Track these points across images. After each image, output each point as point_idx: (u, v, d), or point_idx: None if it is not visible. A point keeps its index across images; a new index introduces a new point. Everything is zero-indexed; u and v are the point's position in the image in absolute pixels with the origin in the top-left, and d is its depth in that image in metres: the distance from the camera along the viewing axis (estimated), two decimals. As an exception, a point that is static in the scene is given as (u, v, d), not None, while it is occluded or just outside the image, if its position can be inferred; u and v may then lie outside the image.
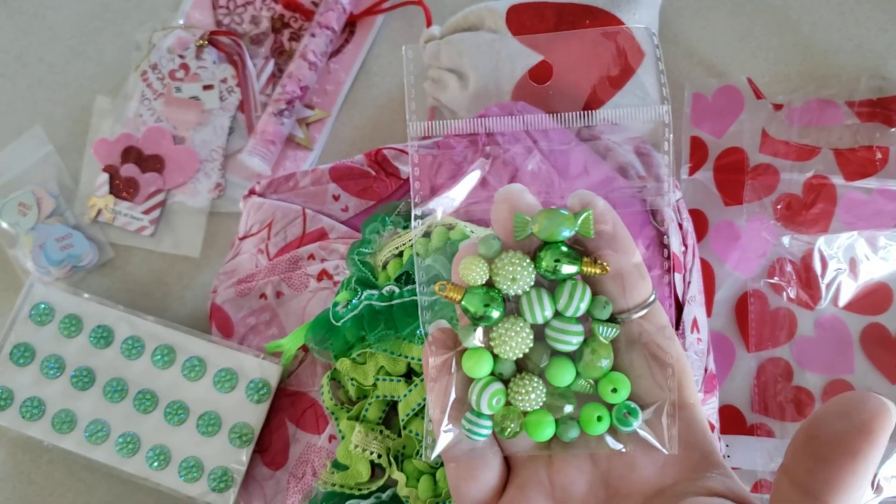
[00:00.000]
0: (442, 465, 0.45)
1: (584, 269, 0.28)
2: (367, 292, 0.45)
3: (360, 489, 0.46)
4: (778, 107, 0.57)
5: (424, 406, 0.45)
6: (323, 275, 0.52)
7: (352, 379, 0.47)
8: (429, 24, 0.59)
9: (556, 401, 0.28)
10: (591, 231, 0.28)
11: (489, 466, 0.29)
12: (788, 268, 0.54)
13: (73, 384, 0.51)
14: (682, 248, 0.49)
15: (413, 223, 0.32)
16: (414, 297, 0.44)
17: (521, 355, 0.28)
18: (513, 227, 0.28)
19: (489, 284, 0.28)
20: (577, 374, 0.29)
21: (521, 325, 0.28)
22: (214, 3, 0.62)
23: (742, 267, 0.54)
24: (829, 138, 0.57)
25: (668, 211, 0.44)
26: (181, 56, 0.60)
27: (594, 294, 0.28)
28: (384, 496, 0.45)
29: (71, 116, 0.60)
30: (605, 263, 0.28)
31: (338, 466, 0.47)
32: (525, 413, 0.28)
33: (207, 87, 0.60)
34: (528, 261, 0.28)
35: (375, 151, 0.53)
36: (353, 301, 0.46)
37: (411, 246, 0.47)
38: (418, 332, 0.44)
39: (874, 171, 0.55)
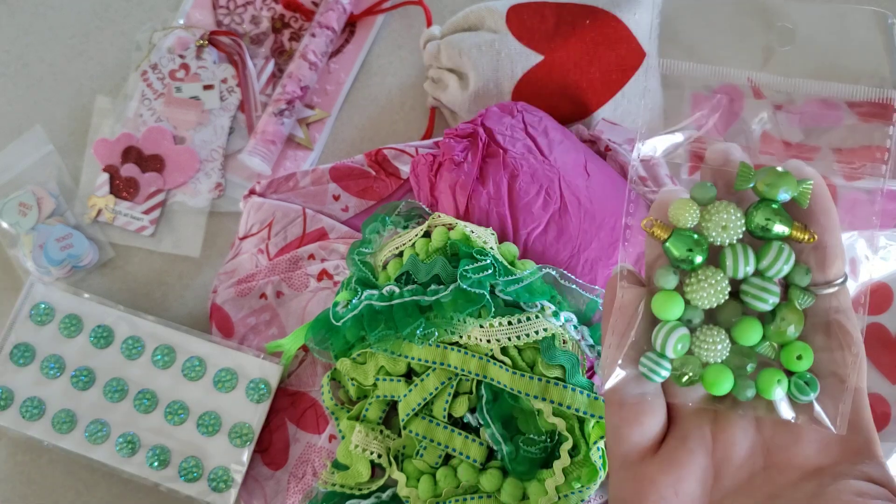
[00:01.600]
0: (442, 465, 0.45)
1: (795, 233, 0.28)
2: (367, 292, 0.45)
3: (360, 489, 0.46)
4: (778, 107, 0.57)
5: (424, 405, 0.45)
6: (323, 275, 0.52)
7: (352, 379, 0.47)
8: (429, 24, 0.59)
9: (739, 358, 0.28)
10: (807, 201, 0.28)
11: (655, 413, 0.29)
12: (788, 268, 0.54)
13: (74, 384, 0.51)
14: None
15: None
16: (414, 298, 0.44)
17: (714, 305, 0.28)
18: (732, 176, 0.28)
19: (697, 230, 0.28)
20: (764, 336, 0.28)
21: (721, 276, 0.28)
22: (215, 3, 0.62)
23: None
24: (829, 138, 0.57)
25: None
26: (181, 56, 0.60)
27: (796, 261, 0.28)
28: (384, 496, 0.45)
29: (71, 116, 0.60)
30: (814, 233, 0.28)
31: (338, 466, 0.47)
32: (705, 365, 0.28)
33: (208, 87, 0.60)
34: (740, 212, 0.28)
35: (375, 151, 0.53)
36: (354, 301, 0.46)
37: (412, 246, 0.47)
38: (418, 331, 0.44)
39: (874, 171, 0.55)
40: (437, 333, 0.44)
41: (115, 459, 0.50)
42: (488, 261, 0.43)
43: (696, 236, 0.28)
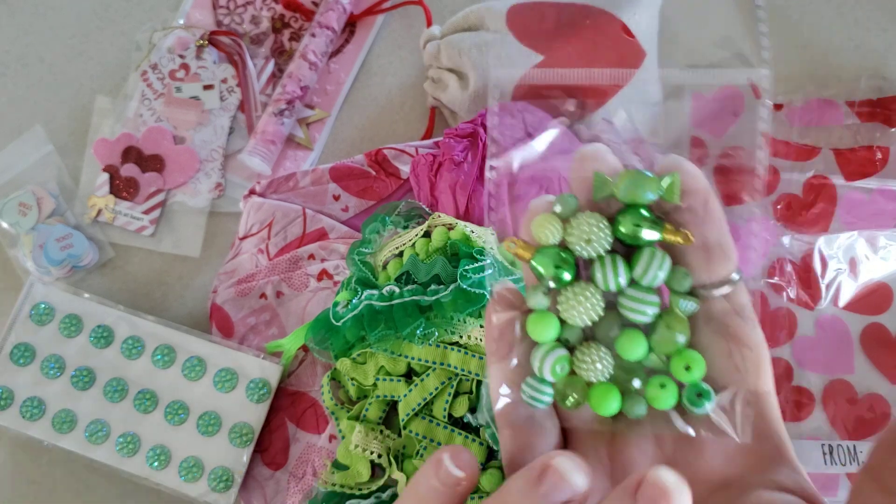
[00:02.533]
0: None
1: (666, 236, 0.26)
2: (367, 292, 0.45)
3: (360, 489, 0.46)
4: (778, 107, 0.57)
5: (424, 405, 0.45)
6: (323, 275, 0.52)
7: (352, 379, 0.47)
8: (429, 24, 0.59)
9: (625, 374, 0.27)
10: (677, 197, 0.26)
11: (546, 436, 0.27)
12: (788, 268, 0.54)
13: (74, 384, 0.51)
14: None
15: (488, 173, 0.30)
16: (414, 298, 0.44)
17: (589, 322, 0.26)
18: (592, 185, 0.26)
19: (562, 246, 0.27)
20: (650, 348, 0.27)
21: (592, 290, 0.26)
22: (215, 3, 0.62)
23: (742, 267, 0.54)
24: (829, 138, 0.57)
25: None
26: (181, 56, 0.60)
27: (674, 265, 0.26)
28: (384, 496, 0.45)
29: (71, 116, 0.60)
30: (688, 233, 0.26)
31: (338, 466, 0.47)
32: (590, 384, 0.27)
33: (208, 87, 0.60)
34: (605, 222, 0.26)
35: (375, 151, 0.53)
36: (354, 301, 0.46)
37: (412, 246, 0.47)
38: (418, 331, 0.44)
39: (874, 171, 0.55)
40: (437, 333, 0.44)
41: (115, 459, 0.50)
42: (488, 261, 0.43)
43: (562, 253, 0.26)
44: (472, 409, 0.45)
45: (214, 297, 0.53)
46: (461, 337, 0.44)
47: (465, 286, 0.43)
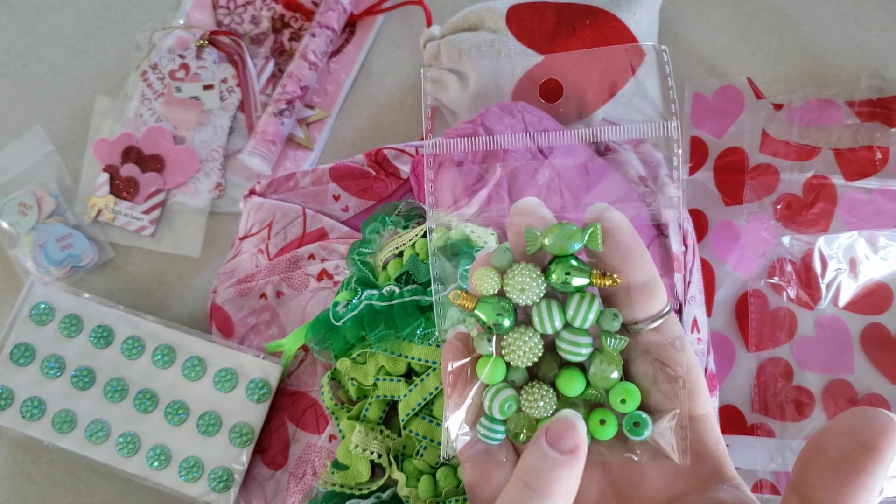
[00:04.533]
0: (442, 465, 0.45)
1: (594, 281, 0.28)
2: (367, 292, 0.45)
3: (360, 489, 0.46)
4: (778, 107, 0.57)
5: (424, 405, 0.45)
6: (323, 275, 0.52)
7: (352, 379, 0.47)
8: (429, 24, 0.59)
9: (567, 409, 0.29)
10: (599, 244, 0.28)
11: (502, 468, 0.30)
12: (788, 268, 0.54)
13: (74, 384, 0.51)
14: (682, 248, 0.49)
15: (428, 227, 0.33)
16: (414, 298, 0.44)
17: (530, 364, 0.29)
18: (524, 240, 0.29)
19: (502, 294, 0.29)
20: (587, 384, 0.29)
21: (531, 334, 0.29)
22: (215, 3, 0.62)
23: (742, 267, 0.54)
24: (829, 138, 0.57)
25: (669, 211, 0.44)
26: (181, 56, 0.60)
27: (606, 306, 0.29)
28: (384, 496, 0.45)
29: (71, 116, 0.60)
30: (615, 276, 0.28)
31: (338, 466, 0.47)
32: (537, 420, 0.29)
33: (208, 87, 0.60)
34: (538, 272, 0.29)
35: (375, 151, 0.53)
36: (354, 301, 0.46)
37: (412, 246, 0.47)
38: (418, 331, 0.44)
39: (874, 171, 0.55)
40: (437, 333, 0.44)
41: (115, 459, 0.50)
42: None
43: (501, 301, 0.29)
44: (472, 409, 0.45)
45: (214, 297, 0.53)
46: (461, 337, 0.44)
47: (465, 286, 0.42)
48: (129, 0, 0.62)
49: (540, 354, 0.29)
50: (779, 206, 0.55)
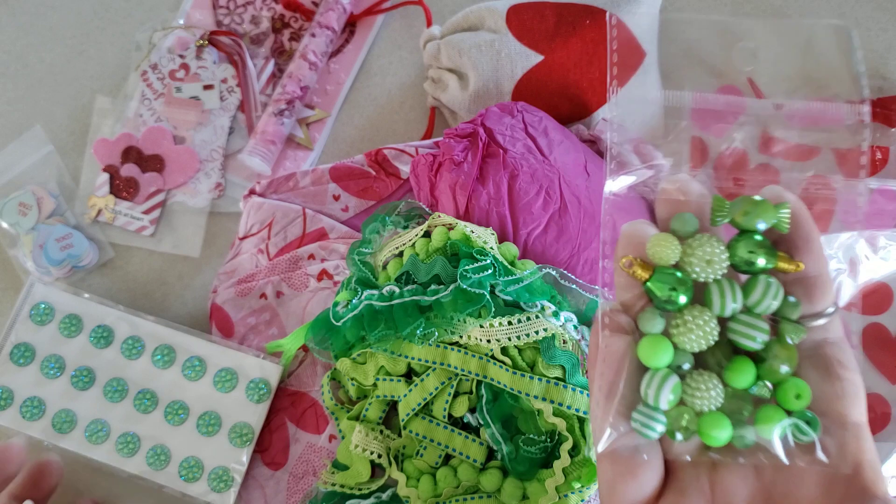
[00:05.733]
0: (442, 465, 0.45)
1: (780, 264, 0.26)
2: (367, 292, 0.45)
3: (360, 489, 0.46)
4: (778, 107, 0.57)
5: (424, 405, 0.45)
6: (323, 275, 0.52)
7: (352, 379, 0.47)
8: (429, 24, 0.59)
9: (734, 403, 0.26)
10: (787, 226, 0.26)
11: (652, 467, 0.27)
12: (788, 268, 0.54)
13: (74, 384, 0.51)
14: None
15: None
16: (414, 298, 0.44)
17: (704, 348, 0.26)
18: (672, 210, 0.26)
19: (675, 267, 0.26)
20: (757, 376, 0.26)
21: (708, 316, 0.26)
22: (214, 3, 0.62)
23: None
24: (829, 138, 0.57)
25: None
26: (181, 56, 0.60)
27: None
28: (384, 496, 0.45)
29: (71, 116, 0.60)
30: (799, 262, 0.26)
31: (338, 466, 0.47)
32: (699, 414, 0.26)
33: (208, 87, 0.60)
34: (724, 245, 0.26)
35: (375, 151, 0.53)
36: (354, 301, 0.46)
37: (412, 246, 0.47)
38: (418, 331, 0.44)
39: (874, 171, 0.55)
40: (437, 333, 0.44)
41: (115, 459, 0.50)
42: (488, 261, 0.43)
43: (678, 274, 0.26)
44: (472, 409, 0.45)
45: (214, 297, 0.53)
46: (461, 337, 0.44)
47: (465, 286, 0.42)
48: (129, 0, 0.62)
49: (716, 339, 0.26)
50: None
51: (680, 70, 0.60)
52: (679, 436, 0.26)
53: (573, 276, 0.46)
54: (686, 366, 0.26)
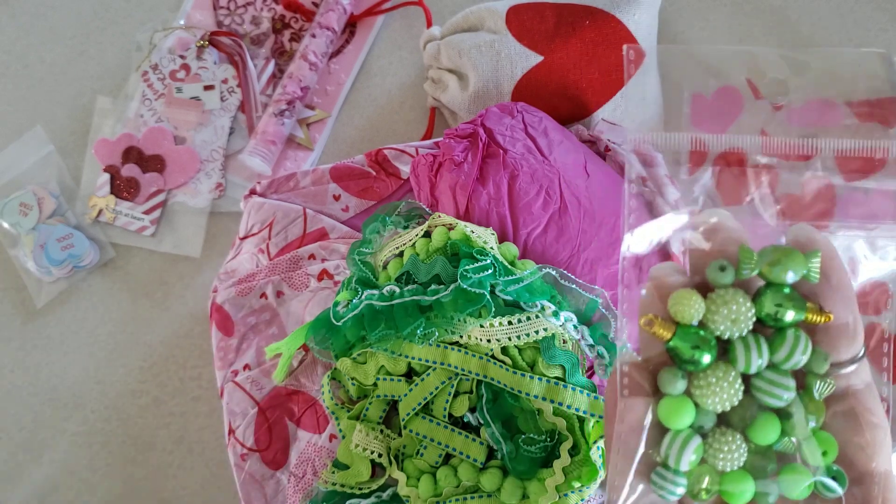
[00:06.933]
0: (443, 464, 0.45)
1: (810, 316, 0.25)
2: (367, 292, 0.45)
3: (360, 488, 0.46)
4: (778, 107, 0.57)
5: (425, 405, 0.45)
6: (323, 274, 0.52)
7: (352, 378, 0.47)
8: (429, 24, 0.59)
9: (758, 459, 0.25)
10: (818, 277, 0.25)
11: None
12: (788, 268, 0.54)
13: None
14: (682, 248, 0.49)
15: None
16: (414, 298, 0.44)
17: (728, 408, 0.25)
18: (699, 259, 0.25)
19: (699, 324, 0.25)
20: (782, 431, 0.25)
21: (733, 375, 0.24)
22: (215, 4, 0.62)
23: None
24: (829, 138, 0.57)
25: (667, 210, 0.44)
26: (182, 56, 0.60)
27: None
28: (384, 495, 0.45)
29: (72, 116, 0.61)
30: (828, 312, 0.25)
31: (338, 466, 0.47)
32: (721, 473, 0.25)
33: (208, 88, 0.60)
34: (749, 301, 0.25)
35: (376, 151, 0.53)
36: (354, 301, 0.46)
37: (412, 246, 0.47)
38: (418, 331, 0.44)
39: (873, 171, 0.55)
40: (437, 333, 0.44)
41: None
42: (488, 261, 0.43)
43: (701, 332, 0.24)
44: (472, 409, 0.45)
45: (215, 297, 0.53)
46: (461, 337, 0.44)
47: (465, 286, 0.43)
48: (130, 0, 0.62)
49: (740, 398, 0.24)
50: (778, 207, 0.55)
51: (680, 70, 0.60)
52: (704, 497, 0.25)
53: (573, 276, 0.46)
54: (708, 424, 0.25)
